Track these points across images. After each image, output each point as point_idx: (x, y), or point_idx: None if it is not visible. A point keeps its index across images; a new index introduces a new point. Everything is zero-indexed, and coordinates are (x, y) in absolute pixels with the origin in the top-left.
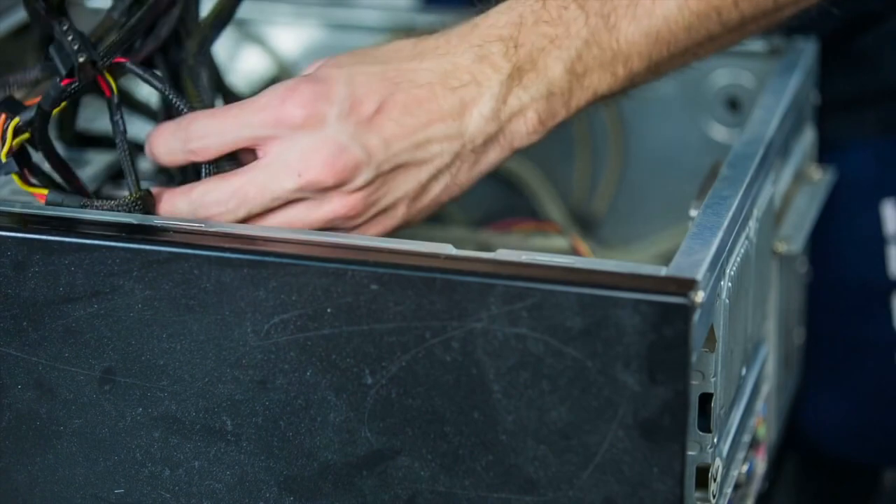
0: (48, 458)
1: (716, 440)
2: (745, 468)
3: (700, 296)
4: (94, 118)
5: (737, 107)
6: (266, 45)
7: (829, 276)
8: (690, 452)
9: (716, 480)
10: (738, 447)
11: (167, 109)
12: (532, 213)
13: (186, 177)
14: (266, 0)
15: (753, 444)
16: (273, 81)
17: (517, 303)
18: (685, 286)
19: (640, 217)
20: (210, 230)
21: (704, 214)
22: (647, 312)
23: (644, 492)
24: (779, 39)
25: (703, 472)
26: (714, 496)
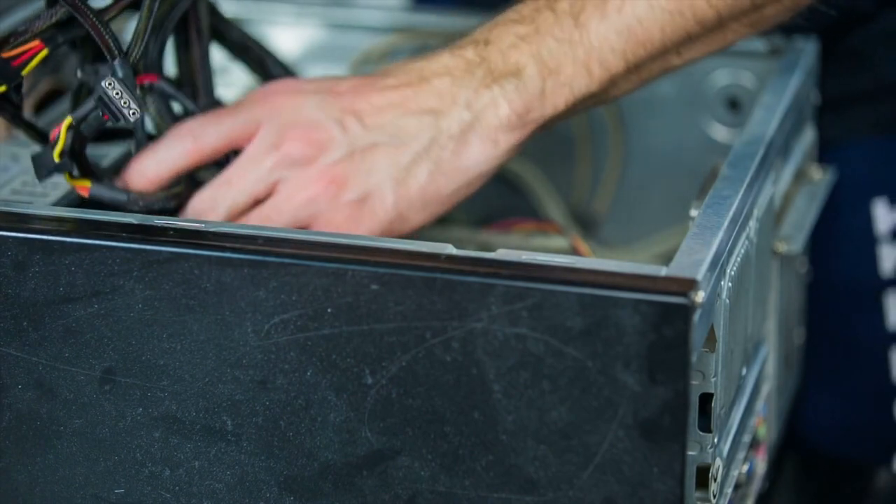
0: (48, 458)
1: (716, 440)
2: (746, 468)
3: (700, 296)
4: None
5: (737, 107)
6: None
7: (821, 275)
8: (690, 452)
9: (716, 480)
10: (739, 447)
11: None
12: (532, 213)
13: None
14: (266, 0)
15: (753, 444)
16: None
17: (517, 303)
18: (685, 286)
19: (641, 217)
20: (210, 230)
21: (704, 214)
22: (648, 312)
23: (644, 492)
24: (779, 39)
25: (704, 472)
26: (714, 496)
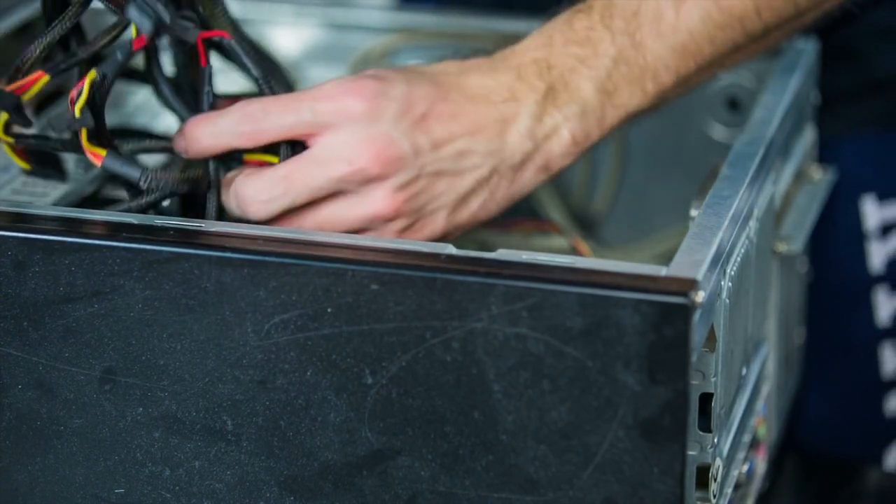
0: (48, 458)
1: (716, 440)
2: (746, 468)
3: (700, 296)
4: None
5: (737, 107)
6: (266, 45)
7: (811, 273)
8: (690, 452)
9: (716, 480)
10: (739, 447)
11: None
12: (532, 213)
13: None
14: (266, 0)
15: (753, 444)
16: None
17: (517, 303)
18: (685, 286)
19: (641, 217)
20: (210, 230)
21: (704, 214)
22: (648, 312)
23: (644, 492)
24: None
25: (704, 472)
26: (714, 496)
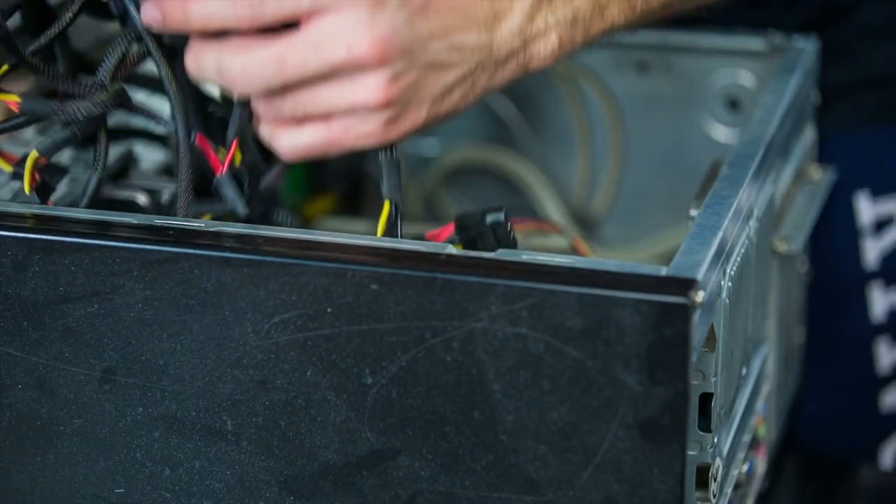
0: (48, 458)
1: (716, 440)
2: (746, 468)
3: (700, 296)
4: None
5: (737, 107)
6: None
7: (811, 272)
8: (690, 452)
9: (716, 480)
10: (739, 447)
11: None
12: (532, 213)
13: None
14: None
15: (753, 444)
16: None
17: (517, 303)
18: (685, 286)
19: (640, 217)
20: (210, 230)
21: (704, 214)
22: (648, 312)
23: (644, 492)
24: (779, 39)
25: (704, 472)
26: (714, 496)
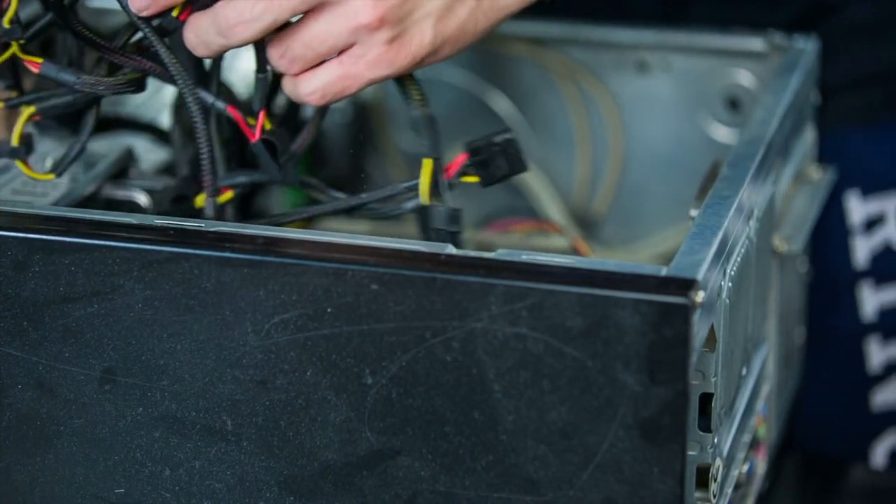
0: (48, 458)
1: (716, 440)
2: (746, 468)
3: (700, 296)
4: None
5: (737, 107)
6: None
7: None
8: (690, 452)
9: (716, 480)
10: (739, 447)
11: None
12: (532, 213)
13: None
14: None
15: (753, 444)
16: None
17: (517, 303)
18: (685, 286)
19: (640, 217)
20: (210, 230)
21: (704, 214)
22: (648, 312)
23: (644, 492)
24: (779, 39)
25: (704, 472)
26: (714, 496)
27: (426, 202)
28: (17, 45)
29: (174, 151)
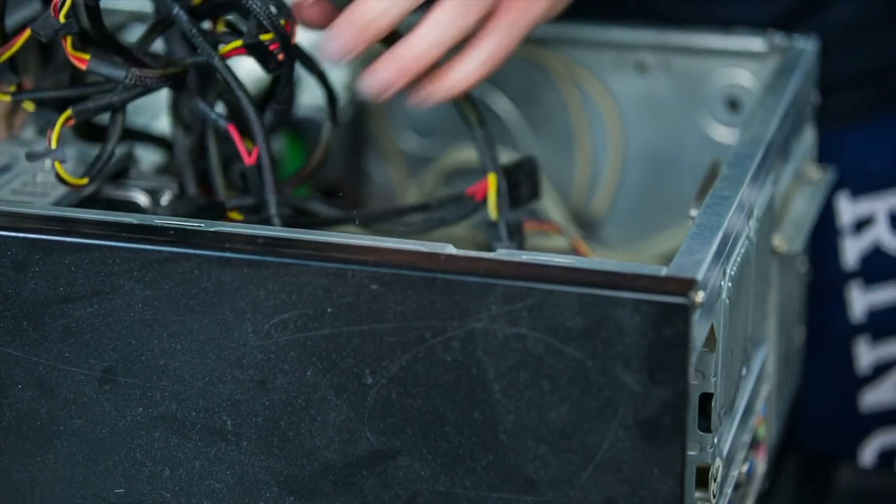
0: (48, 458)
1: (716, 440)
2: (746, 468)
3: (700, 296)
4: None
5: (737, 107)
6: None
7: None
8: (690, 452)
9: (716, 480)
10: (739, 447)
11: None
12: (532, 213)
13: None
14: None
15: (753, 444)
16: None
17: (517, 303)
18: (685, 286)
19: (640, 217)
20: (210, 230)
21: (704, 214)
22: (648, 312)
23: (644, 492)
24: (779, 39)
25: (703, 472)
26: (714, 496)
27: (495, 217)
28: (71, 40)
29: (178, 160)
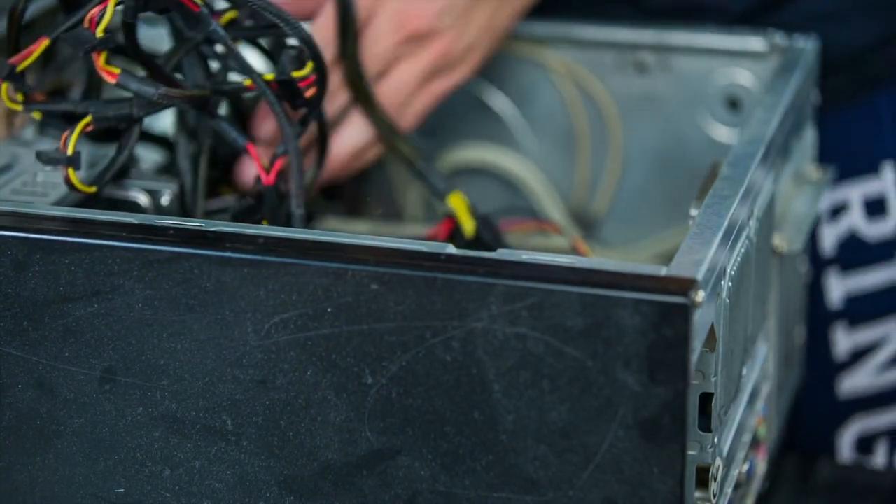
0: (48, 458)
1: (716, 440)
2: (746, 468)
3: (700, 295)
4: None
5: (737, 107)
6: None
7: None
8: (690, 452)
9: (716, 480)
10: (739, 447)
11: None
12: (532, 213)
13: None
14: None
15: (754, 444)
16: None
17: (517, 302)
18: (685, 286)
19: (640, 217)
20: (210, 230)
21: (704, 214)
22: (648, 312)
23: (644, 492)
24: (779, 39)
25: (704, 472)
26: (714, 496)
27: (471, 234)
28: (105, 55)
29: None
